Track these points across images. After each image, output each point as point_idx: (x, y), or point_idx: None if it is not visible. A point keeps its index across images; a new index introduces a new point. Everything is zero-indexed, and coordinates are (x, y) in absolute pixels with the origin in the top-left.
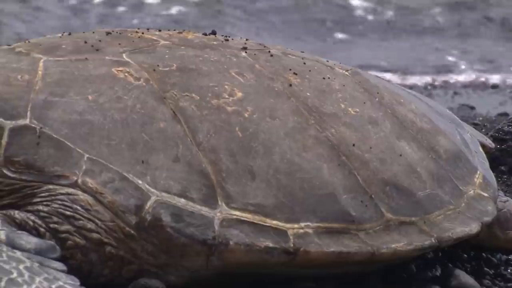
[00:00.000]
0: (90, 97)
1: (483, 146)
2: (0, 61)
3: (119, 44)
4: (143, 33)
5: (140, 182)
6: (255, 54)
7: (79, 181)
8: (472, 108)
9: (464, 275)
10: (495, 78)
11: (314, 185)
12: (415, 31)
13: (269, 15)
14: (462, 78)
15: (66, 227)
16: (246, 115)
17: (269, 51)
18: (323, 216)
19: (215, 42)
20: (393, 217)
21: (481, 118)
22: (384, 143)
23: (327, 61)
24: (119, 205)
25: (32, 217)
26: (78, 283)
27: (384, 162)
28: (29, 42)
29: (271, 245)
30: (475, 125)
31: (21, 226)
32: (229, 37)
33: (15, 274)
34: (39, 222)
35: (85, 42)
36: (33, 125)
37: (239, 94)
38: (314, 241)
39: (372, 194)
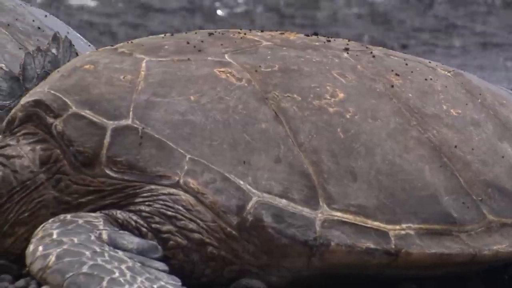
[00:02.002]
0: (192, 98)
1: None
2: (103, 62)
3: (221, 44)
4: (245, 33)
5: (241, 182)
6: (357, 55)
7: (181, 181)
8: None
9: None
10: None
11: (415, 186)
12: None
13: None
14: None
15: (168, 227)
16: (347, 116)
17: (371, 52)
18: (424, 218)
19: (317, 43)
20: (495, 219)
21: None
22: (486, 144)
23: (429, 62)
24: (221, 205)
25: (134, 217)
26: (180, 283)
27: (486, 163)
28: (131, 42)
29: (372, 246)
30: None
31: (123, 226)
32: (331, 38)
33: (117, 274)
34: (141, 222)
35: (188, 43)
36: (135, 125)
37: (341, 95)
38: (415, 242)
39: (474, 195)
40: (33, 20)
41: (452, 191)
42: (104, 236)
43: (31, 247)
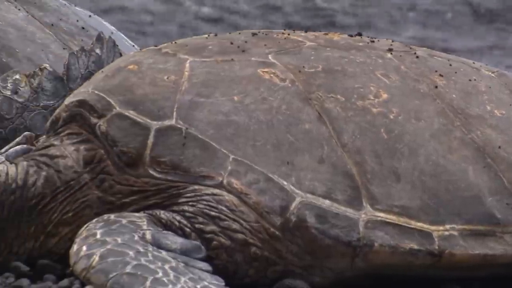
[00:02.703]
0: (235, 98)
1: None
2: (147, 62)
3: (265, 45)
4: (289, 34)
5: (285, 183)
6: (400, 55)
7: (225, 181)
8: None
9: None
10: None
11: (459, 187)
12: None
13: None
14: None
15: (211, 227)
16: (391, 116)
17: (415, 53)
18: (468, 218)
19: (360, 44)
20: None
21: None
22: None
23: (473, 62)
24: (264, 206)
25: (178, 217)
26: (223, 283)
27: None
28: (175, 43)
29: (416, 247)
30: None
31: (167, 226)
32: (374, 38)
33: (160, 274)
34: (185, 222)
35: (231, 43)
36: (179, 126)
37: (385, 96)
38: (459, 243)
39: None
40: (77, 20)
41: (496, 192)
42: (148, 236)
43: (74, 247)
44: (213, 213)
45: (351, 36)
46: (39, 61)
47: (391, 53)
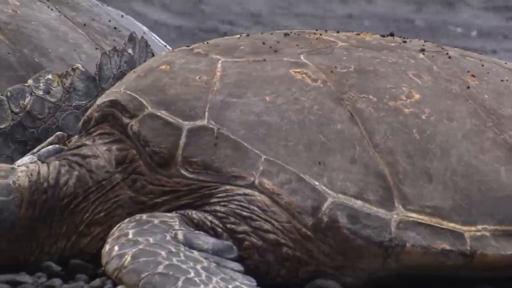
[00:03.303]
0: (267, 98)
1: None
2: (179, 62)
3: (297, 45)
4: (321, 34)
5: (316, 183)
6: (432, 56)
7: (256, 182)
8: None
9: None
10: None
11: (491, 187)
12: None
13: None
14: None
15: (243, 227)
16: (423, 117)
17: (447, 53)
18: (500, 219)
19: (392, 44)
20: None
21: None
22: None
23: (505, 63)
24: (296, 206)
25: (210, 217)
26: (255, 284)
27: None
28: (207, 43)
29: (447, 247)
30: None
31: (199, 226)
32: (406, 38)
33: (192, 274)
34: (217, 222)
35: (263, 43)
36: (210, 126)
37: (417, 96)
38: (491, 244)
39: None
40: (110, 20)
41: None
42: (180, 236)
43: (106, 247)
44: (245, 213)
45: (383, 36)
46: (72, 61)
47: (423, 54)
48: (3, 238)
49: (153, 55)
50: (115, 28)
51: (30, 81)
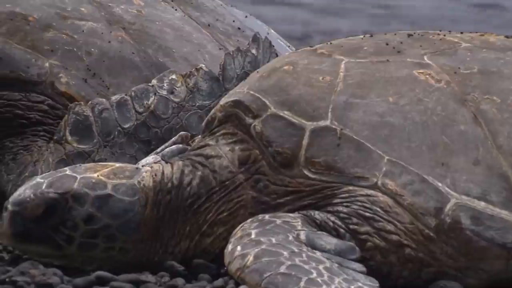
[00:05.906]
0: (390, 99)
1: None
2: (302, 62)
3: (420, 46)
4: (444, 35)
5: (439, 184)
6: None
7: (379, 182)
8: None
9: None
10: None
11: None
12: None
13: None
14: None
15: (365, 228)
16: None
17: None
18: None
19: None
20: None
21: None
22: None
23: None
24: (419, 207)
25: (332, 218)
26: (377, 285)
27: None
28: (331, 43)
29: None
30: None
31: (321, 226)
32: None
33: (314, 274)
34: (339, 223)
35: (387, 44)
36: (333, 127)
37: None
38: None
39: None
40: (233, 21)
41: None
42: (302, 236)
43: (229, 247)
44: (367, 214)
45: (507, 37)
46: (195, 61)
47: None
48: (128, 239)
49: (276, 55)
50: (239, 28)
51: (154, 81)
